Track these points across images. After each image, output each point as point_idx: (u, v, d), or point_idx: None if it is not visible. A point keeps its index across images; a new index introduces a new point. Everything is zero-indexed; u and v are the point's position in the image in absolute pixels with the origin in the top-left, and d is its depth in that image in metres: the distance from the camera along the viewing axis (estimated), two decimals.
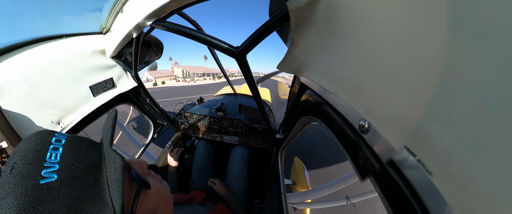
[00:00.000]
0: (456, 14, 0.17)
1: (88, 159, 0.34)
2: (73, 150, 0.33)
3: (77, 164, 0.32)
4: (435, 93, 0.20)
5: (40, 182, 0.27)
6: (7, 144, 0.63)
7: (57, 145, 0.32)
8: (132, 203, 0.37)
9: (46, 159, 0.30)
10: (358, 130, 0.34)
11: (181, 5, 0.61)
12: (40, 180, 0.27)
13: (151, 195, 0.42)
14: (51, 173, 0.29)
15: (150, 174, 0.47)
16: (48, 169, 0.29)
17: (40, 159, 0.29)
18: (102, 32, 0.92)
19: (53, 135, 0.34)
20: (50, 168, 0.29)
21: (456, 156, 0.18)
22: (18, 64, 0.67)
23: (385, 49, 0.27)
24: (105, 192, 0.32)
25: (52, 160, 0.30)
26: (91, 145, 0.38)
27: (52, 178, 0.28)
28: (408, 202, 0.24)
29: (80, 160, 0.33)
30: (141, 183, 0.39)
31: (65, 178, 0.29)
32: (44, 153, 0.30)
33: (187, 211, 0.88)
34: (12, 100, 0.65)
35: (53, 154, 0.31)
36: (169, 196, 0.49)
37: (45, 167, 0.29)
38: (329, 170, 3.40)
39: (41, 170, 0.28)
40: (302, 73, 0.64)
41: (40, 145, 0.31)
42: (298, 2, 0.42)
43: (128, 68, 1.03)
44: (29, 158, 0.29)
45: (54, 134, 0.34)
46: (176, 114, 1.81)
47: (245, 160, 1.51)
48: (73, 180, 0.30)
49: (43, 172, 0.28)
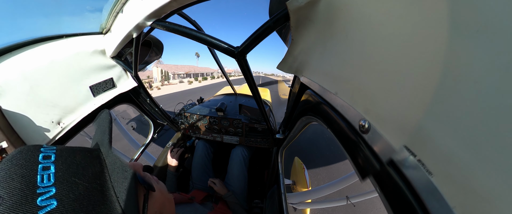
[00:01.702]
0: (456, 14, 0.18)
1: (88, 171, 0.30)
2: (68, 164, 0.29)
3: (77, 181, 0.27)
4: (435, 93, 0.20)
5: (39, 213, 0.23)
6: (7, 144, 0.63)
7: (46, 163, 0.27)
8: (142, 208, 0.34)
9: (38, 184, 0.25)
10: (358, 130, 0.34)
11: (181, 5, 0.61)
12: (38, 211, 0.23)
13: (156, 197, 0.41)
14: (49, 200, 0.24)
15: (146, 176, 0.46)
16: (44, 196, 0.24)
17: (31, 185, 0.24)
18: (102, 32, 0.92)
19: (38, 151, 0.28)
20: (46, 193, 0.24)
21: (456, 156, 0.18)
22: (18, 64, 0.67)
23: (385, 49, 0.27)
24: (115, 205, 0.29)
25: (45, 183, 0.25)
26: (87, 153, 0.32)
27: (52, 205, 0.24)
28: (408, 202, 0.24)
29: (79, 175, 0.28)
30: (148, 187, 0.37)
31: (66, 201, 0.25)
32: (33, 176, 0.25)
33: (187, 210, 0.88)
34: (12, 100, 0.65)
35: (44, 175, 0.26)
36: (170, 196, 0.49)
37: (39, 194, 0.24)
38: (329, 170, 3.40)
39: (35, 199, 0.23)
40: (302, 73, 0.64)
41: (26, 168, 0.26)
42: (298, 2, 0.42)
43: (128, 68, 1.03)
44: (16, 188, 0.24)
45: (40, 150, 0.29)
46: (176, 114, 1.81)
47: (245, 160, 1.51)
48: (77, 202, 0.25)
49: (38, 200, 0.23)
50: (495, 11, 0.15)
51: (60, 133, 0.79)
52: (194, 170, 1.52)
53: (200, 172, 1.51)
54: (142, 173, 0.43)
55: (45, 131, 0.73)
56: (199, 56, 73.20)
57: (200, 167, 1.54)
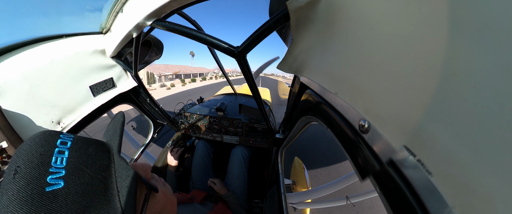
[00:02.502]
0: (456, 13, 0.17)
1: (97, 163, 0.32)
2: (80, 153, 0.31)
3: (85, 169, 0.30)
4: (435, 93, 0.20)
5: (46, 189, 0.26)
6: (7, 144, 0.63)
7: (62, 148, 0.30)
8: (142, 207, 0.36)
9: (51, 164, 0.28)
10: (358, 130, 0.34)
11: (181, 5, 0.61)
12: (46, 187, 0.26)
13: (158, 198, 0.42)
14: (58, 180, 0.27)
15: (154, 177, 0.47)
16: (54, 175, 0.27)
17: (45, 163, 0.27)
18: (102, 32, 0.92)
19: (58, 137, 0.32)
20: (56, 173, 0.27)
21: (456, 156, 0.18)
22: (18, 64, 0.67)
23: (385, 49, 0.27)
24: (114, 198, 0.31)
25: (58, 164, 0.28)
26: (100, 147, 0.36)
27: (59, 185, 0.27)
28: (408, 202, 0.24)
29: (88, 164, 0.31)
30: (151, 188, 0.38)
31: (72, 184, 0.28)
32: (49, 156, 0.28)
33: (187, 210, 0.88)
34: (12, 100, 0.65)
35: (58, 158, 0.29)
36: (173, 198, 0.49)
37: (51, 172, 0.27)
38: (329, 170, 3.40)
39: (46, 176, 0.26)
40: (302, 73, 0.64)
41: (45, 148, 0.29)
42: (298, 2, 0.42)
43: (128, 68, 1.03)
44: (33, 162, 0.27)
45: (59, 136, 0.32)
46: (176, 114, 1.81)
47: (245, 160, 1.51)
48: (81, 187, 0.28)
49: (48, 178, 0.26)
50: (496, 11, 0.15)
51: None
52: (194, 170, 1.52)
53: (200, 171, 1.51)
54: (150, 174, 0.45)
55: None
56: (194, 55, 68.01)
57: (200, 166, 1.54)
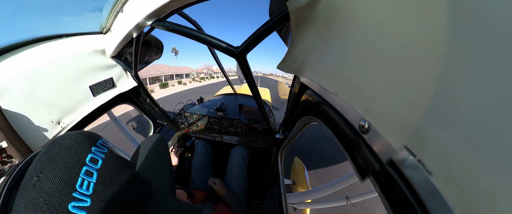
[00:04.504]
0: (456, 14, 0.17)
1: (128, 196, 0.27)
2: (110, 180, 0.26)
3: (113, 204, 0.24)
4: (435, 93, 0.20)
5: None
6: (7, 143, 0.63)
7: (91, 168, 0.25)
8: None
9: (76, 187, 0.23)
10: (358, 130, 0.34)
11: (181, 5, 0.61)
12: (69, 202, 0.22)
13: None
14: (80, 210, 0.22)
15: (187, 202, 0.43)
16: (77, 203, 0.22)
17: (69, 183, 0.23)
18: (102, 32, 0.92)
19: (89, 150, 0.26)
20: (80, 201, 0.22)
21: (456, 156, 0.18)
22: (18, 64, 0.67)
23: (385, 49, 0.27)
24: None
25: (83, 190, 0.23)
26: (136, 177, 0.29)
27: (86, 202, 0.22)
28: (408, 202, 0.24)
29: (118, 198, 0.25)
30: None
31: None
32: (75, 176, 0.24)
33: None
34: (12, 100, 0.65)
35: (84, 181, 0.24)
36: None
37: (74, 198, 0.22)
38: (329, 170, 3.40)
39: (68, 201, 0.22)
40: (302, 73, 0.64)
41: (73, 161, 0.24)
42: (298, 2, 0.42)
43: (128, 68, 1.03)
44: (56, 177, 0.22)
45: (91, 149, 0.27)
46: (176, 114, 1.81)
47: (244, 160, 1.51)
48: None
49: (70, 205, 0.22)
50: (496, 11, 0.15)
51: (60, 133, 0.79)
52: (194, 170, 1.52)
53: (200, 172, 1.51)
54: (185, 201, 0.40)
55: (45, 130, 0.73)
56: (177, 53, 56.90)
57: (200, 167, 1.54)
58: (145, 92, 1.29)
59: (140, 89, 1.25)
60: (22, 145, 0.66)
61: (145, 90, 1.28)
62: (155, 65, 34.54)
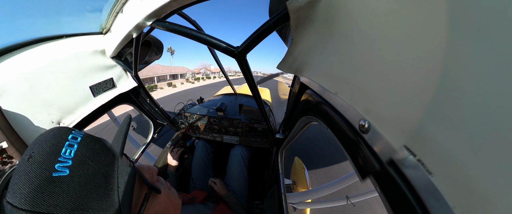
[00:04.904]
0: (457, 13, 0.17)
1: (101, 158, 0.35)
2: (88, 148, 0.34)
3: (90, 162, 0.33)
4: (435, 93, 0.20)
5: (53, 174, 0.28)
6: (7, 144, 0.63)
7: (72, 142, 0.33)
8: (140, 206, 0.38)
9: (61, 154, 0.31)
10: (358, 130, 0.34)
11: (181, 5, 0.61)
12: (53, 172, 0.28)
13: (160, 199, 0.43)
14: (64, 168, 0.30)
15: (159, 180, 0.48)
16: (62, 164, 0.30)
17: (56, 152, 0.31)
18: (102, 32, 0.92)
19: (70, 132, 0.35)
20: (64, 162, 0.30)
21: (456, 156, 0.18)
22: (18, 64, 0.67)
23: (385, 49, 0.27)
24: (113, 193, 0.33)
25: (67, 155, 0.31)
26: (106, 145, 0.39)
27: (64, 172, 0.29)
28: (408, 202, 0.24)
29: (93, 159, 0.34)
30: (151, 188, 0.40)
31: (76, 174, 0.30)
32: (60, 147, 0.31)
33: (189, 211, 0.89)
34: (12, 100, 0.65)
35: (68, 150, 0.32)
36: (178, 202, 0.50)
37: (59, 161, 0.30)
38: (329, 170, 3.40)
39: (55, 163, 0.29)
40: (302, 73, 0.64)
41: (57, 139, 0.32)
42: (298, 2, 0.42)
43: (128, 68, 1.03)
44: (45, 150, 0.30)
45: (72, 131, 0.35)
46: (176, 114, 1.81)
47: (244, 160, 1.51)
48: (84, 177, 0.31)
49: (56, 165, 0.29)
50: (496, 11, 0.15)
51: None
52: (194, 170, 1.52)
53: (200, 172, 1.51)
54: (156, 177, 0.46)
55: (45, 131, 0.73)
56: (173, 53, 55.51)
57: (200, 167, 1.54)
58: (145, 93, 1.29)
59: (140, 89, 1.25)
60: (22, 145, 0.66)
61: (145, 90, 1.28)
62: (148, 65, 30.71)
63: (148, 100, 1.34)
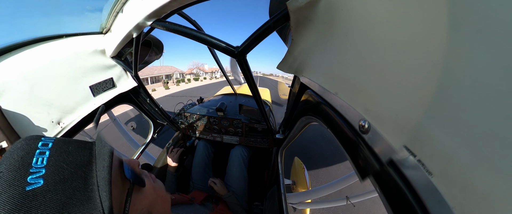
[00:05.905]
0: (457, 13, 0.17)
1: (77, 159, 0.33)
2: (61, 152, 0.32)
3: (64, 166, 0.31)
4: (435, 93, 0.20)
5: (26, 188, 0.27)
6: (7, 144, 0.63)
7: (43, 149, 0.31)
8: (125, 203, 0.35)
9: (32, 165, 0.29)
10: (358, 130, 0.34)
11: (181, 5, 0.61)
12: (26, 186, 0.27)
13: (146, 193, 0.41)
14: (37, 179, 0.28)
15: (143, 173, 0.46)
16: (34, 175, 0.28)
17: (26, 165, 0.29)
18: (102, 32, 0.92)
19: (39, 140, 0.33)
20: (36, 173, 0.28)
21: (456, 156, 0.18)
22: (18, 64, 0.67)
23: (385, 49, 0.27)
24: (94, 193, 0.31)
25: (38, 164, 0.29)
26: (81, 145, 0.36)
27: (38, 183, 0.28)
28: (408, 202, 0.24)
29: (68, 162, 0.32)
30: (134, 181, 0.38)
31: (51, 182, 0.28)
32: (30, 158, 0.29)
33: (187, 211, 0.88)
34: (12, 100, 0.65)
35: (39, 158, 0.30)
36: (165, 194, 0.48)
37: (31, 173, 0.28)
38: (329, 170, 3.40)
39: (26, 177, 0.28)
40: (302, 73, 0.64)
41: (26, 151, 0.30)
42: (298, 2, 0.42)
43: (128, 68, 1.03)
44: (14, 165, 0.28)
45: (41, 139, 0.33)
46: (176, 114, 1.81)
47: (244, 161, 1.51)
48: (60, 184, 0.29)
49: (29, 178, 0.28)
50: (496, 11, 0.15)
51: (60, 133, 0.79)
52: (195, 170, 1.52)
53: (200, 172, 1.51)
54: (138, 170, 0.43)
55: (44, 130, 0.73)
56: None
57: (201, 167, 1.54)
58: (145, 93, 1.29)
59: (140, 89, 1.25)
60: None
61: (145, 90, 1.28)
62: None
63: (148, 100, 1.34)
